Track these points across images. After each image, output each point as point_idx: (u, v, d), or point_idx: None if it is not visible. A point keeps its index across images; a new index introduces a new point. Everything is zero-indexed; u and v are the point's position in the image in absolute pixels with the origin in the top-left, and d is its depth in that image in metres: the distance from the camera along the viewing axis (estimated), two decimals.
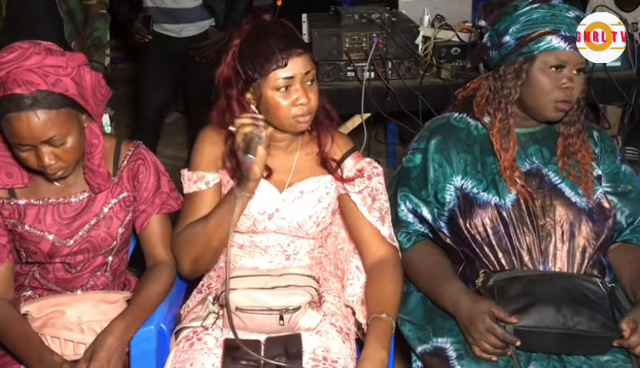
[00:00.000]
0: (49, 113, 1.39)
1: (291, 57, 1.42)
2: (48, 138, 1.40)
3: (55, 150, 1.42)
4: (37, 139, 1.39)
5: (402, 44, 2.62)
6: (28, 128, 1.37)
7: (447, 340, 1.49)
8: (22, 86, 1.36)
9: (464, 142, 1.65)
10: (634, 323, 1.38)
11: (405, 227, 1.67)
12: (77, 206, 1.57)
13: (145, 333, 1.50)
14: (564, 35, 1.51)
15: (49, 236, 1.54)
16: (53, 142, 1.41)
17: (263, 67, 1.43)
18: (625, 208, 1.62)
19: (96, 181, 1.55)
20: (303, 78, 1.44)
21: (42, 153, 1.41)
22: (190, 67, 3.44)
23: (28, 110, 1.37)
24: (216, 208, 1.52)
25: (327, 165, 1.59)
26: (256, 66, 1.44)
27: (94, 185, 1.55)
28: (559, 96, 1.52)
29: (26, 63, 1.38)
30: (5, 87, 1.37)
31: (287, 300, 1.47)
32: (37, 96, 1.37)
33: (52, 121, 1.39)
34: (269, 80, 1.44)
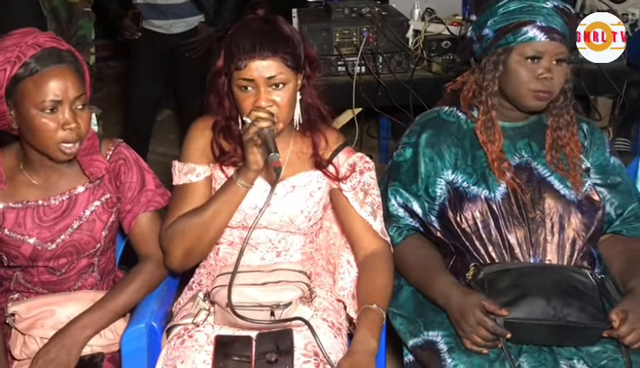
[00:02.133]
0: (77, 72, 1.41)
1: (253, 61, 1.42)
2: (79, 95, 1.40)
3: (78, 113, 1.41)
4: (71, 95, 1.39)
5: (392, 38, 2.62)
6: (65, 81, 1.38)
7: (437, 334, 1.50)
8: (53, 42, 1.38)
9: (455, 136, 1.65)
10: (623, 313, 1.39)
11: (396, 221, 1.67)
12: (57, 209, 1.54)
13: (136, 331, 1.49)
14: (540, 26, 1.50)
15: (30, 240, 1.52)
16: (78, 103, 1.41)
17: (229, 64, 1.45)
18: (614, 200, 1.62)
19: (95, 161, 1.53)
20: (266, 82, 1.43)
21: (70, 113, 1.39)
22: (180, 63, 3.43)
23: (64, 63, 1.39)
24: (214, 197, 1.52)
25: (321, 167, 1.59)
26: (227, 61, 1.46)
27: (94, 169, 1.53)
28: (537, 87, 1.52)
29: (38, 37, 1.39)
30: (25, 54, 1.36)
31: (278, 296, 1.47)
32: (67, 54, 1.40)
33: (80, 80, 1.41)
34: (234, 78, 1.46)
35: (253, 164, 1.44)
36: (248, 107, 1.45)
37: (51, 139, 1.41)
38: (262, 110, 1.43)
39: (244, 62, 1.42)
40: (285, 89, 1.46)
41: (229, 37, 1.49)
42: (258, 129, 1.41)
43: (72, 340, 1.46)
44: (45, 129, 1.39)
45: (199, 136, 1.59)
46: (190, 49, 3.33)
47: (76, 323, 1.48)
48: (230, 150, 1.57)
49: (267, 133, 1.40)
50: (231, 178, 1.50)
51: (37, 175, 1.54)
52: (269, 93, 1.45)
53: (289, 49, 1.45)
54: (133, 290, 1.55)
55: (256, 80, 1.43)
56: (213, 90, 1.53)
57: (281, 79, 1.44)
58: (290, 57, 1.45)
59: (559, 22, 1.52)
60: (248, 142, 1.42)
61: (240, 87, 1.45)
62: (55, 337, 1.46)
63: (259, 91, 1.44)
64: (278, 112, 1.45)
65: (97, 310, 1.51)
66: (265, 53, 1.42)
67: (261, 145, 1.42)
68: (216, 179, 1.59)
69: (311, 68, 1.54)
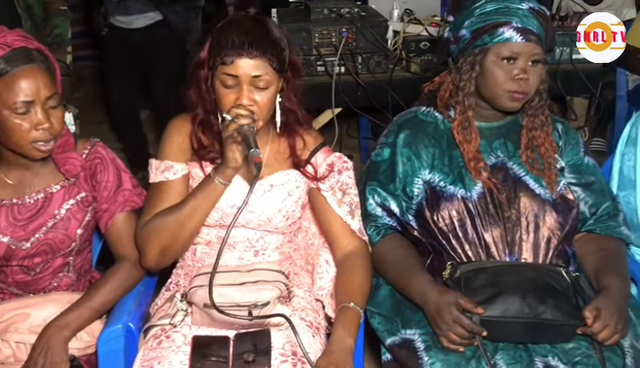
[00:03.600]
0: (47, 71, 1.39)
1: (240, 58, 1.41)
2: (51, 94, 1.38)
3: (51, 112, 1.40)
4: (43, 94, 1.37)
5: (371, 38, 2.64)
6: (35, 81, 1.36)
7: (415, 332, 1.50)
8: (22, 41, 1.36)
9: (432, 136, 1.67)
10: (596, 310, 1.41)
11: (374, 220, 1.67)
12: (32, 207, 1.53)
13: (112, 332, 1.48)
14: (516, 27, 1.52)
15: (4, 238, 1.50)
16: (51, 102, 1.39)
17: (215, 59, 1.44)
18: (588, 199, 1.64)
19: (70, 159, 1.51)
20: (251, 80, 1.43)
21: (43, 113, 1.38)
22: (151, 59, 3.43)
23: (34, 63, 1.36)
24: (191, 195, 1.51)
25: (298, 166, 1.59)
26: (212, 55, 1.45)
27: (69, 167, 1.51)
28: (512, 87, 1.54)
29: (7, 36, 1.37)
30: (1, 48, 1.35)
31: (256, 296, 1.47)
32: (38, 54, 1.38)
33: (51, 81, 1.39)
34: (218, 72, 1.44)
35: (232, 161, 1.44)
36: (228, 104, 1.44)
37: (25, 139, 1.39)
38: (243, 107, 1.42)
39: (231, 58, 1.41)
40: (267, 90, 1.46)
41: (217, 30, 1.48)
42: (238, 126, 1.40)
43: (54, 342, 1.44)
44: (18, 129, 1.38)
45: (177, 133, 1.58)
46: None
47: (53, 325, 1.46)
48: (209, 145, 1.56)
49: (247, 129, 1.40)
50: (209, 175, 1.49)
51: (12, 173, 1.52)
52: (252, 92, 1.44)
53: (277, 52, 1.45)
54: (110, 290, 1.54)
55: (241, 77, 1.42)
56: (194, 82, 1.52)
57: (265, 80, 1.44)
58: (276, 60, 1.45)
59: (535, 23, 1.54)
60: (227, 139, 1.42)
61: (223, 83, 1.44)
62: (37, 345, 1.44)
63: (242, 89, 1.43)
64: (258, 112, 1.45)
65: (73, 311, 1.49)
66: (253, 52, 1.42)
67: (241, 142, 1.41)
68: (193, 176, 1.58)
69: (293, 73, 1.54)
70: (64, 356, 1.44)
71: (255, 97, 1.45)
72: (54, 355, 1.43)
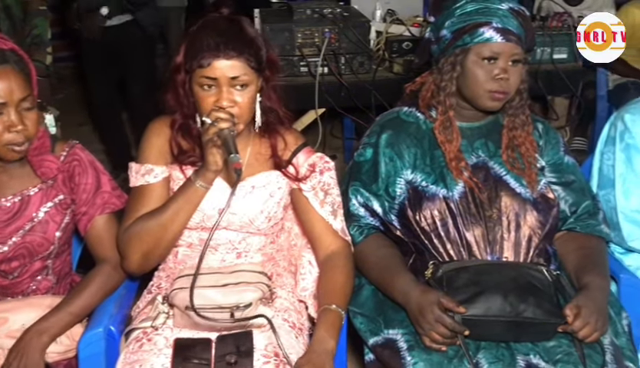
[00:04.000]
0: (22, 73, 1.37)
1: (218, 59, 1.40)
2: (25, 96, 1.36)
3: (25, 114, 1.37)
4: (16, 96, 1.35)
5: (354, 39, 2.64)
6: (9, 82, 1.34)
7: (397, 332, 1.50)
8: None
9: (414, 136, 1.67)
10: (577, 308, 1.42)
11: (357, 220, 1.67)
12: (8, 210, 1.51)
13: (93, 335, 1.47)
14: (496, 27, 1.53)
15: None
16: (25, 104, 1.37)
17: (192, 62, 1.42)
18: (568, 198, 1.65)
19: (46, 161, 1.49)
20: (229, 82, 1.42)
21: (16, 115, 1.35)
22: (126, 60, 3.43)
23: (7, 64, 1.34)
24: (172, 199, 1.50)
25: (280, 167, 1.59)
26: (189, 59, 1.44)
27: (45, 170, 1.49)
28: (493, 87, 1.55)
29: None
30: None
31: (238, 298, 1.46)
32: (11, 54, 1.36)
33: (25, 82, 1.36)
34: (196, 75, 1.43)
35: (212, 165, 1.43)
36: (208, 106, 1.43)
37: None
38: (223, 111, 1.41)
39: (208, 60, 1.40)
40: (246, 90, 1.45)
41: (191, 33, 1.46)
42: (218, 129, 1.39)
43: (31, 347, 1.43)
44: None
45: (157, 136, 1.57)
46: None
47: (32, 330, 1.45)
48: (189, 149, 1.55)
49: (227, 133, 1.39)
50: (189, 178, 1.48)
51: None
52: (231, 94, 1.43)
53: (253, 51, 1.44)
54: (90, 293, 1.53)
55: (219, 79, 1.42)
56: (171, 87, 1.51)
57: (244, 80, 1.43)
58: (253, 59, 1.44)
59: (515, 24, 1.54)
60: (207, 142, 1.41)
61: (202, 86, 1.43)
62: (13, 350, 1.43)
63: (221, 91, 1.42)
64: (238, 113, 1.44)
65: (53, 316, 1.48)
66: (230, 53, 1.41)
67: (221, 146, 1.41)
68: (174, 179, 1.57)
69: (271, 71, 1.54)
70: (39, 362, 1.42)
71: (235, 98, 1.44)
72: (28, 360, 1.41)
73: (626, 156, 1.71)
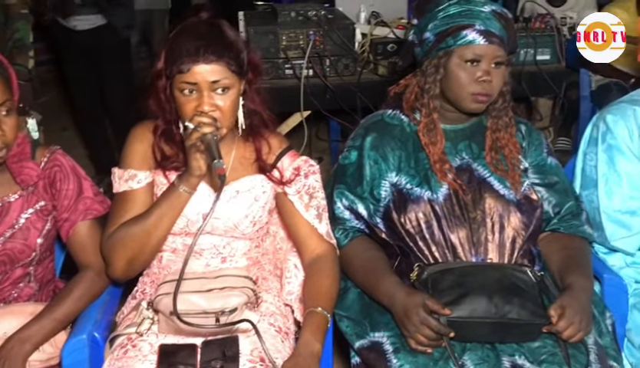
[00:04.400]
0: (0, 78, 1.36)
1: (197, 64, 1.39)
2: (2, 102, 1.34)
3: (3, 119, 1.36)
4: None
5: (339, 41, 2.64)
6: None
7: (383, 334, 1.50)
8: None
9: (398, 138, 1.67)
10: (561, 309, 1.43)
11: (342, 224, 1.67)
12: None
13: (77, 342, 1.45)
14: (479, 29, 1.53)
15: None
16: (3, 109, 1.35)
17: (171, 67, 1.41)
18: (551, 199, 1.66)
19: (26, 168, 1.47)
20: (210, 86, 1.41)
21: None
22: (100, 64, 3.38)
23: None
24: (156, 204, 1.49)
25: (264, 171, 1.58)
26: (169, 64, 1.43)
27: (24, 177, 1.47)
28: (476, 90, 1.55)
29: None
30: None
31: (223, 302, 1.46)
32: None
33: (4, 86, 1.35)
34: (176, 81, 1.42)
35: (196, 170, 1.42)
36: (190, 112, 1.42)
37: None
38: (205, 115, 1.40)
39: (187, 66, 1.39)
40: (228, 94, 1.44)
41: (171, 39, 1.45)
42: (201, 134, 1.38)
43: (13, 356, 1.40)
44: None
45: (140, 141, 1.55)
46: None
47: (14, 339, 1.43)
48: (172, 155, 1.54)
49: (210, 138, 1.38)
50: (173, 184, 1.47)
51: None
52: (212, 98, 1.42)
53: (234, 54, 1.43)
54: (74, 300, 1.51)
55: (200, 84, 1.41)
56: (153, 93, 1.50)
57: (225, 84, 1.42)
58: (234, 63, 1.43)
59: (497, 26, 1.55)
60: (190, 147, 1.40)
61: (182, 91, 1.42)
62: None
63: (202, 95, 1.41)
64: (220, 117, 1.43)
65: (35, 324, 1.46)
66: (209, 57, 1.40)
67: (204, 151, 1.40)
68: (157, 184, 1.56)
69: (254, 73, 1.53)
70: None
71: (217, 102, 1.43)
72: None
73: (608, 156, 1.73)
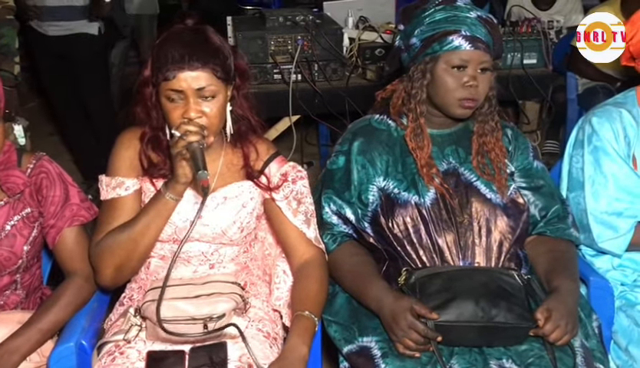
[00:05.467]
0: None
1: (182, 71, 1.39)
2: None
3: None
4: None
5: (327, 46, 2.64)
6: None
7: (371, 339, 1.51)
8: None
9: (385, 143, 1.68)
10: (547, 312, 1.44)
11: (330, 229, 1.68)
12: None
13: (64, 350, 1.45)
14: (465, 35, 1.54)
15: None
16: None
17: (157, 75, 1.41)
18: (538, 202, 1.67)
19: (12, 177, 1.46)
20: (195, 93, 1.41)
21: None
22: (75, 72, 3.33)
23: None
24: (142, 211, 1.49)
25: (252, 177, 1.58)
26: (155, 71, 1.42)
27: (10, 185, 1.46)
28: (463, 94, 1.56)
29: None
30: None
31: (211, 309, 1.45)
32: None
33: None
34: (162, 88, 1.42)
35: (182, 177, 1.42)
36: (176, 119, 1.42)
37: None
38: (191, 124, 1.40)
39: (173, 73, 1.39)
40: (214, 101, 1.44)
41: (156, 46, 1.45)
42: (187, 143, 1.38)
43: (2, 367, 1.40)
44: None
45: (127, 149, 1.55)
46: None
47: (2, 349, 1.42)
48: (159, 162, 1.53)
49: (196, 147, 1.38)
50: (159, 191, 1.47)
51: None
52: (199, 104, 1.42)
53: (219, 61, 1.43)
54: (61, 308, 1.50)
55: (185, 91, 1.40)
56: (140, 101, 1.49)
57: (211, 91, 1.42)
58: (220, 69, 1.43)
59: (483, 31, 1.56)
60: (176, 155, 1.40)
61: (168, 98, 1.42)
62: None
63: (188, 102, 1.41)
64: (207, 123, 1.43)
65: (23, 333, 1.45)
66: (194, 64, 1.39)
67: (189, 159, 1.39)
68: (145, 191, 1.55)
69: (242, 79, 1.53)
70: None
71: (203, 109, 1.43)
72: None
73: (594, 158, 1.74)
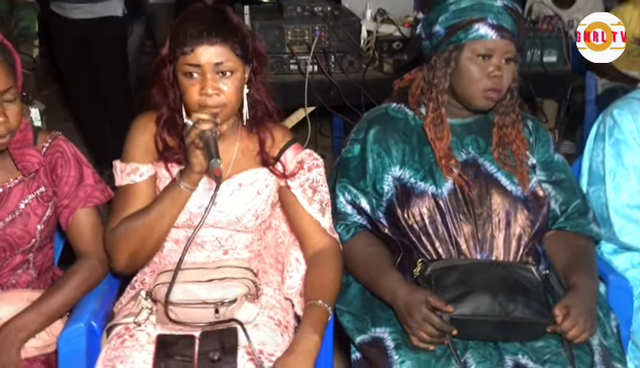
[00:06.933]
0: (5, 63, 1.33)
1: (201, 45, 1.38)
2: (7, 88, 1.32)
3: (6, 106, 1.34)
4: None
5: (344, 37, 2.62)
6: None
7: (385, 330, 1.49)
8: None
9: (402, 132, 1.65)
10: (566, 309, 1.41)
11: (344, 218, 1.65)
12: None
13: (74, 330, 1.44)
14: (491, 23, 1.51)
15: None
16: (7, 96, 1.33)
17: (175, 50, 1.40)
18: (558, 196, 1.64)
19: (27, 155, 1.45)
20: (213, 68, 1.39)
21: None
22: (94, 57, 3.28)
23: None
24: (157, 199, 1.47)
25: (267, 164, 1.56)
26: (172, 48, 1.41)
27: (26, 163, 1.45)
28: (487, 85, 1.53)
29: None
30: None
31: (223, 293, 1.44)
32: None
33: (9, 72, 1.33)
34: (179, 64, 1.40)
35: (197, 166, 1.40)
36: (193, 96, 1.40)
37: None
38: (204, 112, 1.38)
39: (191, 47, 1.37)
40: (232, 78, 1.42)
41: (175, 24, 1.44)
42: (200, 131, 1.36)
43: (8, 343, 1.39)
44: None
45: (142, 133, 1.53)
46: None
47: (9, 326, 1.41)
48: (174, 146, 1.52)
49: (209, 135, 1.36)
50: (174, 179, 1.45)
51: None
52: (216, 81, 1.40)
53: (238, 38, 1.42)
54: (72, 288, 1.49)
55: (203, 66, 1.39)
56: (157, 81, 1.48)
57: (228, 66, 1.41)
58: (238, 46, 1.41)
59: (509, 21, 1.53)
60: (190, 145, 1.38)
61: (186, 74, 1.40)
62: None
63: (205, 78, 1.39)
64: (224, 101, 1.41)
65: (32, 311, 1.44)
66: (213, 38, 1.38)
67: (203, 148, 1.37)
68: (160, 177, 1.54)
69: (259, 63, 1.51)
70: (16, 359, 1.39)
71: (221, 86, 1.41)
72: (5, 356, 1.37)
73: (615, 150, 1.71)
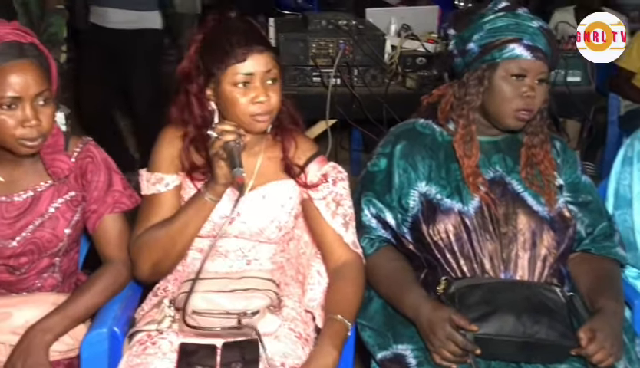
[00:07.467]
0: (40, 67, 1.35)
1: (252, 54, 1.39)
2: (41, 91, 1.34)
3: (40, 109, 1.36)
4: (32, 91, 1.33)
5: (368, 51, 2.63)
6: (25, 76, 1.32)
7: (407, 347, 1.48)
8: (15, 35, 1.32)
9: (429, 147, 1.65)
10: (591, 332, 1.39)
11: (368, 232, 1.65)
12: (20, 206, 1.48)
13: (97, 335, 1.44)
14: (527, 44, 1.51)
15: None
16: (41, 99, 1.35)
17: (223, 61, 1.40)
18: (584, 218, 1.63)
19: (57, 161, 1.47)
20: (263, 76, 1.41)
21: (31, 109, 1.33)
22: (129, 70, 3.26)
23: (25, 58, 1.33)
24: (182, 210, 1.48)
25: (291, 171, 1.56)
26: (216, 60, 1.41)
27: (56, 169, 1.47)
28: (520, 105, 1.53)
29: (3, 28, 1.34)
30: None
31: (246, 304, 1.44)
32: (30, 48, 1.34)
33: (43, 75, 1.35)
34: (228, 75, 1.41)
35: (221, 178, 1.41)
36: (246, 105, 1.41)
37: (11, 136, 1.35)
38: (228, 123, 1.40)
39: (244, 56, 1.39)
40: (277, 85, 1.44)
41: (205, 39, 1.45)
42: (223, 142, 1.37)
43: (35, 346, 1.40)
44: (4, 125, 1.34)
45: (169, 144, 1.54)
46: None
47: (35, 328, 1.42)
48: (201, 165, 1.52)
49: (233, 146, 1.37)
50: (199, 191, 1.46)
51: (2, 170, 1.48)
52: (267, 88, 1.42)
53: (272, 46, 1.45)
54: (96, 293, 1.50)
55: (255, 74, 1.40)
56: (181, 99, 1.49)
57: (275, 74, 1.43)
58: (275, 55, 1.44)
59: (543, 42, 1.53)
60: (214, 156, 1.39)
61: (236, 84, 1.40)
62: (17, 348, 1.40)
63: (257, 86, 1.41)
64: (272, 108, 1.43)
65: (57, 314, 1.45)
66: (259, 47, 1.41)
67: (227, 159, 1.38)
68: (185, 188, 1.55)
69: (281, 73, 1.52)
70: (44, 361, 1.40)
71: (269, 93, 1.42)
72: (33, 358, 1.38)
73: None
